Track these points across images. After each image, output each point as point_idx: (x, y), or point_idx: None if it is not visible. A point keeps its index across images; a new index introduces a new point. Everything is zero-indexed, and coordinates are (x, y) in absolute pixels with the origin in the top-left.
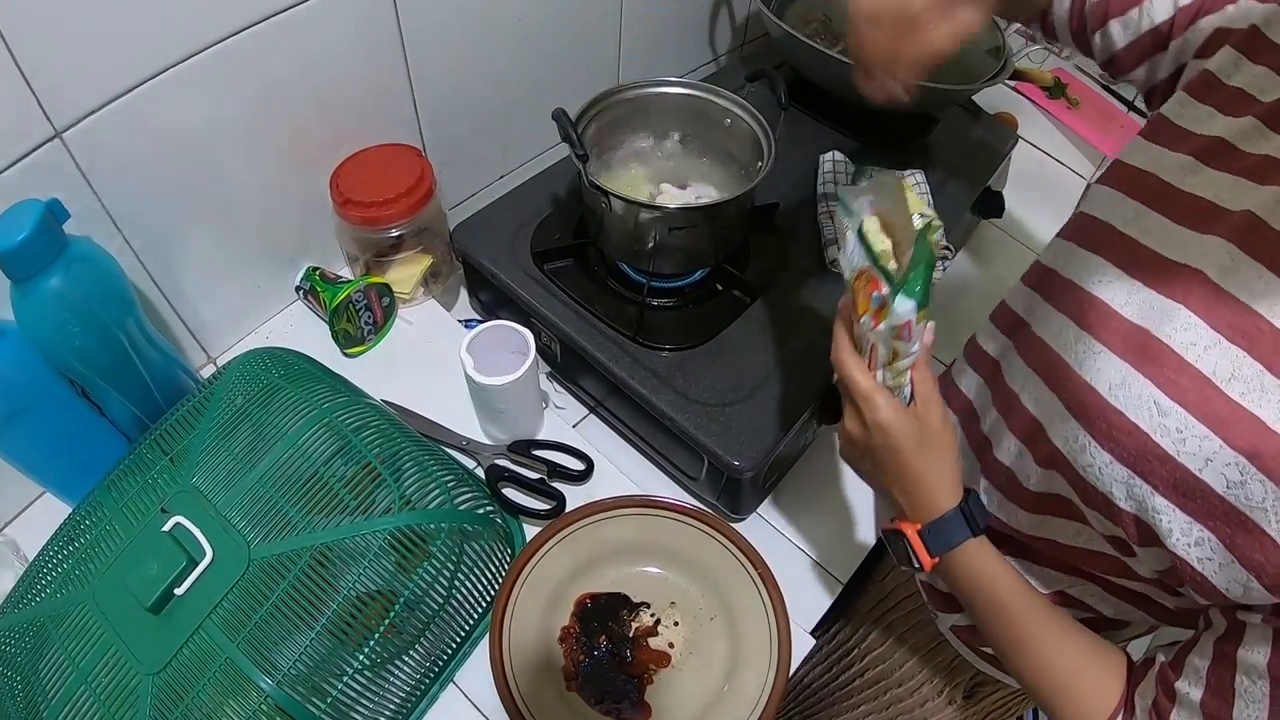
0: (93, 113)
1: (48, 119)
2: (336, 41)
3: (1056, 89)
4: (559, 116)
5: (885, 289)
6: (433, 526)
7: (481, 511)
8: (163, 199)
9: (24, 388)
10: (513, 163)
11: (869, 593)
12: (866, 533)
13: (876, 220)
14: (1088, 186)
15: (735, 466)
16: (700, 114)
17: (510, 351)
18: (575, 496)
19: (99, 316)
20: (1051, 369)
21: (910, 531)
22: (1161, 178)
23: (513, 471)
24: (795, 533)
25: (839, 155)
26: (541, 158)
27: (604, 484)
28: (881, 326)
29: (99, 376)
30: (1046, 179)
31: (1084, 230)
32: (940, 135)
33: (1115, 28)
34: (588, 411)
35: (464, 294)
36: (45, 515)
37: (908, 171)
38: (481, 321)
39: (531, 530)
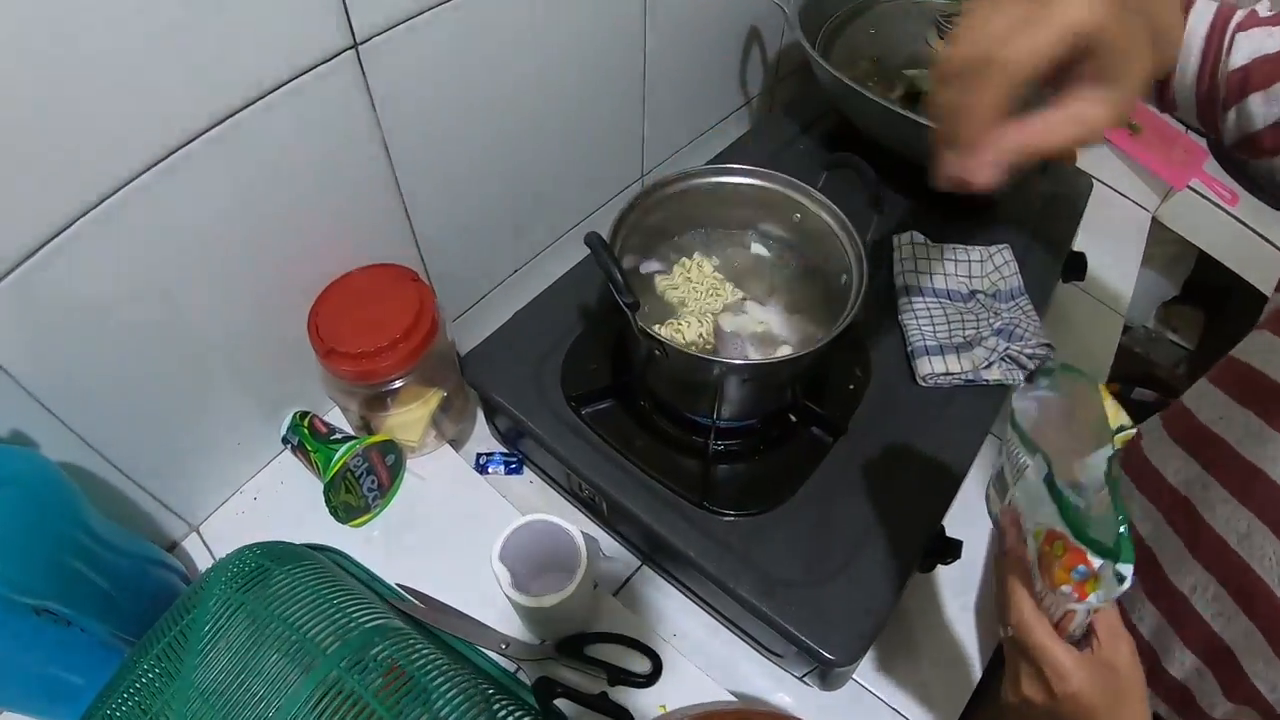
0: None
1: None
2: (298, 143)
3: None
4: (594, 245)
5: (1096, 563)
6: None
7: None
8: (103, 363)
9: None
10: (527, 253)
11: None
12: (967, 681)
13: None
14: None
15: (833, 660)
16: (765, 208)
17: (553, 542)
18: (642, 702)
19: (37, 544)
20: (1245, 589)
21: None
22: None
23: (565, 684)
24: (888, 693)
25: (918, 236)
26: (561, 245)
27: (672, 677)
28: (1091, 598)
29: (51, 602)
30: (1114, 218)
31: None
32: (1012, 190)
33: (1257, 103)
34: (641, 563)
35: (480, 418)
36: None
37: (1000, 248)
38: (505, 456)
39: None
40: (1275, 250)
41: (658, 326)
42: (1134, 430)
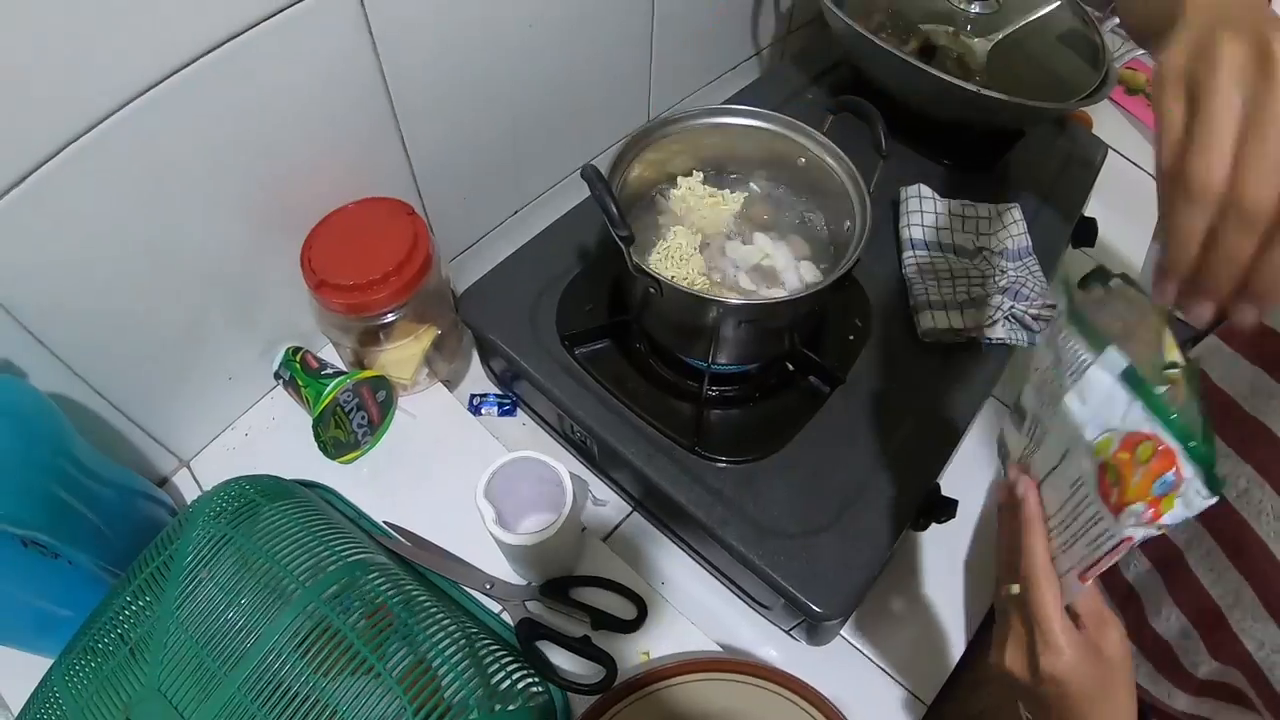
0: None
1: None
2: (294, 73)
3: (1135, 86)
4: (590, 177)
5: (1188, 471)
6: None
7: (522, 686)
8: (93, 292)
9: None
10: (529, 193)
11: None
12: (954, 644)
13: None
14: None
15: (821, 614)
16: (768, 151)
17: (540, 482)
18: (626, 647)
19: (25, 475)
20: (1238, 542)
21: None
22: None
23: (548, 626)
24: (875, 650)
25: (926, 190)
26: (562, 188)
27: (657, 624)
28: (1166, 518)
29: (39, 533)
30: (1129, 188)
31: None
32: (1025, 149)
33: None
34: (631, 509)
35: (475, 359)
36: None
37: (1010, 207)
38: (499, 398)
39: (577, 703)
40: None
41: (654, 259)
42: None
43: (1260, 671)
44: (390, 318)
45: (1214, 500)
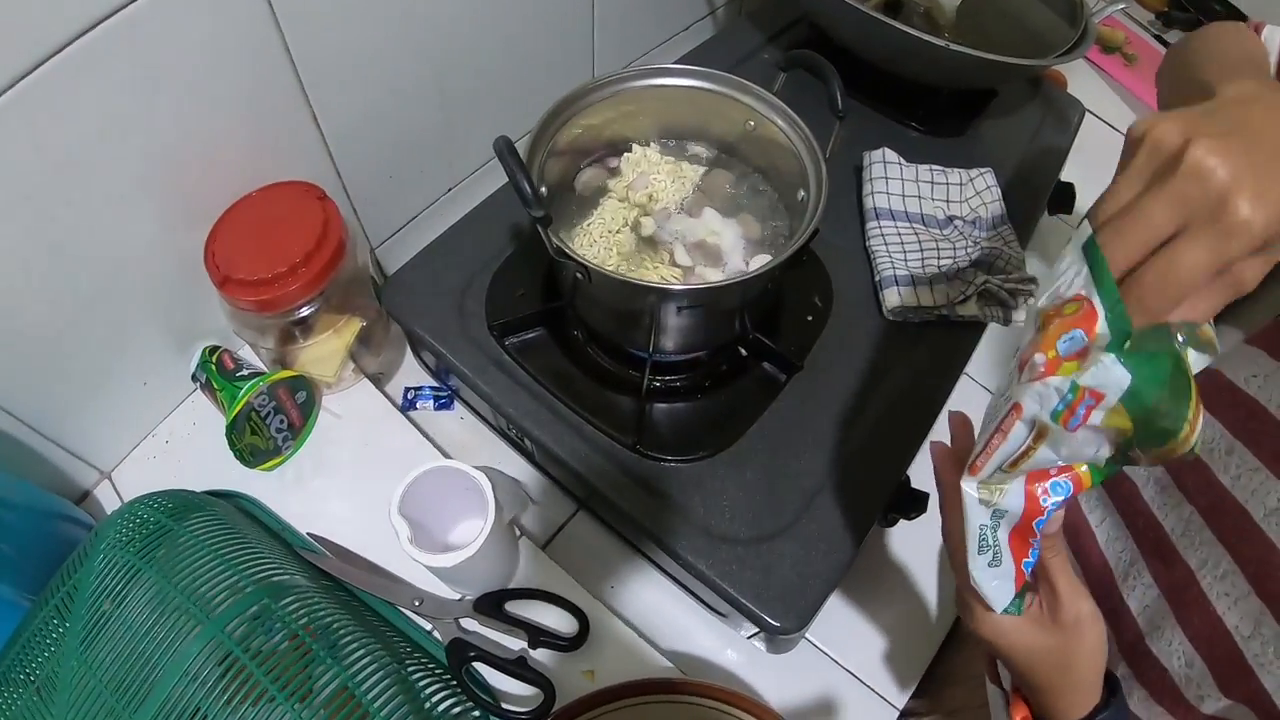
0: None
1: None
2: (187, 49)
3: (1113, 44)
4: (501, 149)
5: (1100, 329)
6: None
7: (457, 711)
8: None
9: None
10: (462, 170)
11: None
12: (926, 645)
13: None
14: None
15: (777, 627)
16: (713, 115)
17: (466, 490)
18: (567, 664)
19: None
20: (1262, 566)
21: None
22: None
23: (481, 649)
24: (841, 654)
25: (891, 155)
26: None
27: (601, 638)
28: (1054, 380)
29: None
30: (1106, 154)
31: None
32: (997, 110)
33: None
34: (576, 508)
35: (409, 352)
36: None
37: (982, 172)
38: (435, 390)
39: None
40: None
41: (577, 238)
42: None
43: (1278, 713)
44: (305, 312)
45: (1125, 383)
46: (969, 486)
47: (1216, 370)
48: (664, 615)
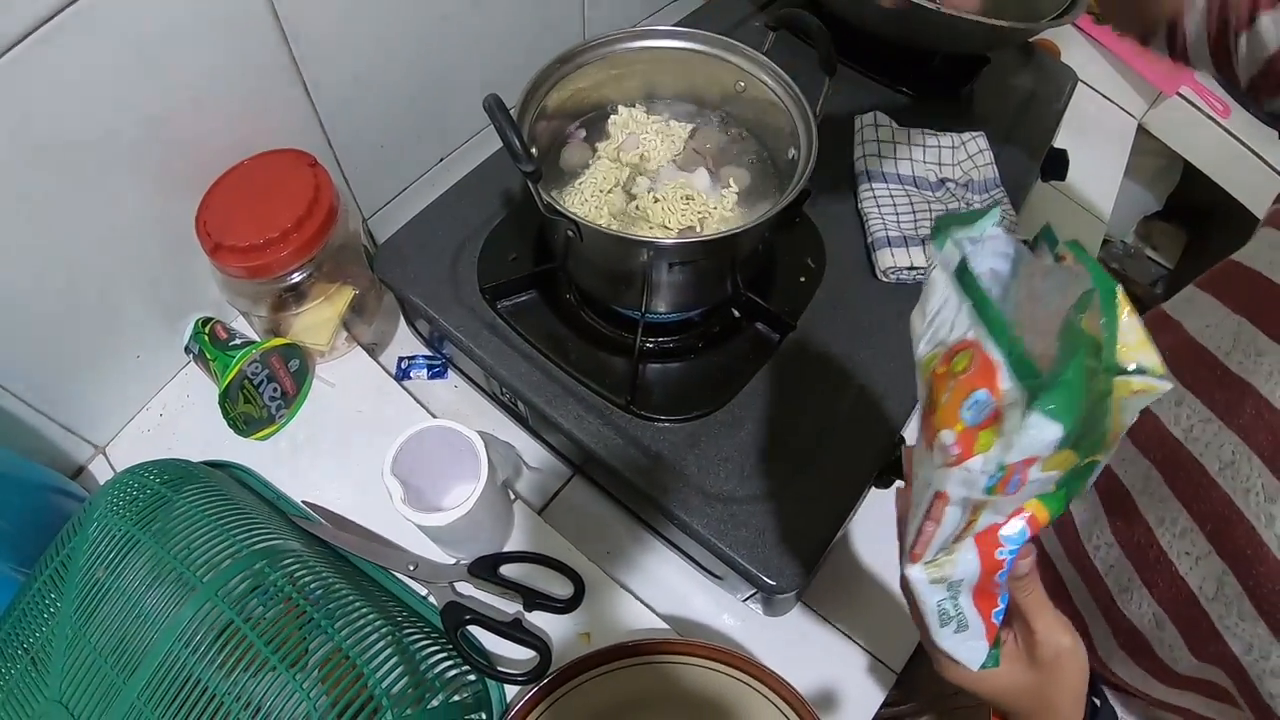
0: None
1: None
2: (171, 18)
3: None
4: (491, 107)
5: (1006, 388)
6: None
7: (452, 675)
8: None
9: None
10: (455, 139)
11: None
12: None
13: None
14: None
15: (774, 586)
16: (703, 76)
17: (460, 452)
18: (563, 627)
19: None
20: (1221, 523)
21: None
22: None
23: (476, 611)
24: (838, 617)
25: (882, 118)
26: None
27: (598, 600)
28: (975, 461)
29: None
30: (1098, 122)
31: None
32: (990, 78)
33: (1267, 24)
34: (572, 474)
35: (402, 320)
36: None
37: (975, 135)
38: (428, 360)
39: (510, 691)
40: (1267, 167)
41: (569, 196)
42: (1161, 383)
43: (1247, 677)
44: (297, 278)
45: (1055, 434)
46: (915, 573)
47: (1174, 321)
48: (660, 580)
